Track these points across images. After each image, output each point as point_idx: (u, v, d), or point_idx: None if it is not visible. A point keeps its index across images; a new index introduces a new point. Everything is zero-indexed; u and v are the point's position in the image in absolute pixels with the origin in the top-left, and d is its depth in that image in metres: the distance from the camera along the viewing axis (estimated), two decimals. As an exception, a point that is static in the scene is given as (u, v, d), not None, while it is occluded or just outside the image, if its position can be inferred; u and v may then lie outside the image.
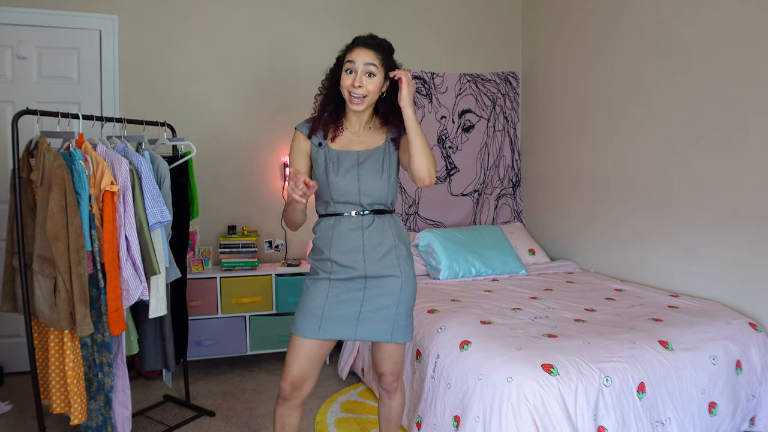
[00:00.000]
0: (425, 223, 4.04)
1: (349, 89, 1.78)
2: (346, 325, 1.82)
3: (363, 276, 1.83)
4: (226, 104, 3.59)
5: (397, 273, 1.84)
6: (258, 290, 3.25)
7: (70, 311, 2.02)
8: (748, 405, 2.33)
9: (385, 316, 1.83)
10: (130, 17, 3.36)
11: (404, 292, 1.85)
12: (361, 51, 1.76)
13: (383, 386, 1.99)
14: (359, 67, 1.75)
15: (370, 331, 1.83)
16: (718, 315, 2.50)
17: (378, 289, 1.83)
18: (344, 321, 1.82)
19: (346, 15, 3.78)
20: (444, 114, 4.03)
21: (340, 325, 1.82)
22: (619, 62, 3.30)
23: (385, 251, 1.84)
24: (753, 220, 2.57)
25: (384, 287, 1.83)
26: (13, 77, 3.18)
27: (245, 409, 2.81)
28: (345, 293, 1.83)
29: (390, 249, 1.85)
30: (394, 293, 1.84)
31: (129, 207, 2.18)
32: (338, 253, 1.82)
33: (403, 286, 1.85)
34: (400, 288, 1.84)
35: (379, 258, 1.83)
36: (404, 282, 1.85)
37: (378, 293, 1.83)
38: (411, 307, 1.90)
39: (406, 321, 1.88)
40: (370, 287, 1.83)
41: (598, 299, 2.84)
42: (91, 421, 2.19)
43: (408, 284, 1.87)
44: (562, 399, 1.88)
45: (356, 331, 1.82)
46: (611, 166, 3.40)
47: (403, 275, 1.85)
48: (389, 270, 1.84)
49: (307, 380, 1.85)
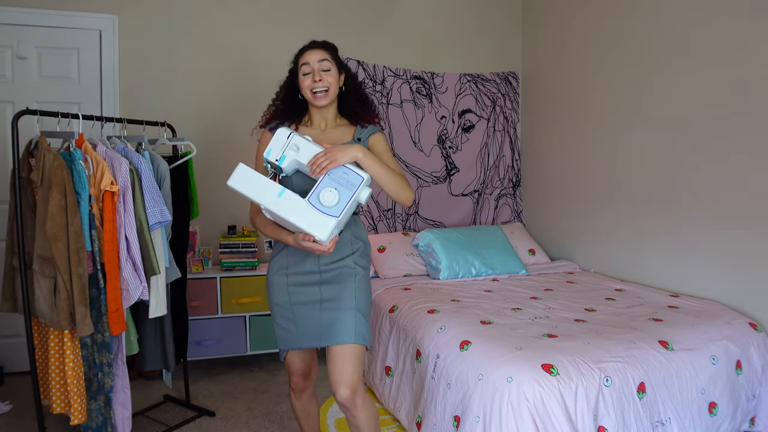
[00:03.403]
0: (425, 223, 4.04)
1: (310, 87, 1.85)
2: (313, 331, 1.84)
3: (318, 271, 1.85)
4: (227, 104, 3.58)
5: (351, 265, 1.86)
6: (258, 290, 3.25)
7: (70, 311, 2.02)
8: (749, 405, 2.33)
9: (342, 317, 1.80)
10: (130, 17, 3.36)
11: (359, 288, 1.86)
12: (311, 52, 1.87)
13: (339, 401, 1.79)
14: (315, 65, 1.85)
15: (329, 337, 1.81)
16: (718, 315, 2.50)
17: (332, 284, 1.85)
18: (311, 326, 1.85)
19: (346, 15, 3.78)
20: (444, 114, 4.03)
21: (308, 333, 1.85)
22: (619, 62, 3.30)
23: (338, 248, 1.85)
24: (753, 220, 2.57)
25: (338, 281, 1.85)
26: (13, 77, 3.18)
27: (245, 409, 2.81)
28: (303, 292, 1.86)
29: (344, 245, 1.86)
30: (348, 289, 1.84)
31: (129, 207, 2.18)
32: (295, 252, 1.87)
33: (357, 281, 1.86)
34: (354, 283, 1.85)
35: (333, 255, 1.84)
36: (358, 276, 1.86)
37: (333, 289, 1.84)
38: (367, 305, 1.87)
39: (363, 321, 1.84)
40: (325, 281, 1.85)
41: (598, 299, 2.84)
42: (91, 421, 2.19)
43: (362, 279, 1.87)
44: (562, 399, 1.88)
45: (321, 338, 1.83)
46: (611, 166, 3.40)
47: (357, 268, 1.87)
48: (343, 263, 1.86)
49: (312, 368, 2.00)
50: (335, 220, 1.59)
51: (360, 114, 1.94)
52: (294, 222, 1.60)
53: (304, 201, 1.61)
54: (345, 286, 1.84)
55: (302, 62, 1.87)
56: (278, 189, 1.62)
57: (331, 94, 1.88)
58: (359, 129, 1.93)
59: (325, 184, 1.62)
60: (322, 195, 1.60)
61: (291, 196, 1.62)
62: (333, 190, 1.60)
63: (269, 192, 1.62)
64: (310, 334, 1.85)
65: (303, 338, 1.86)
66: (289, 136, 1.69)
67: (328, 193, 1.60)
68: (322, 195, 1.60)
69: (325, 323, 1.82)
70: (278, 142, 1.70)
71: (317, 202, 1.60)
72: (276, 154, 1.70)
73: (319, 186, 1.62)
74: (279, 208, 1.61)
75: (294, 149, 1.68)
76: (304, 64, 1.86)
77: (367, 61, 3.75)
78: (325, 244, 1.64)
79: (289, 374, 1.99)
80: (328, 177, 1.63)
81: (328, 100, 1.88)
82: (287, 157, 1.69)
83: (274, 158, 1.70)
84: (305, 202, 1.61)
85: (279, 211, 1.61)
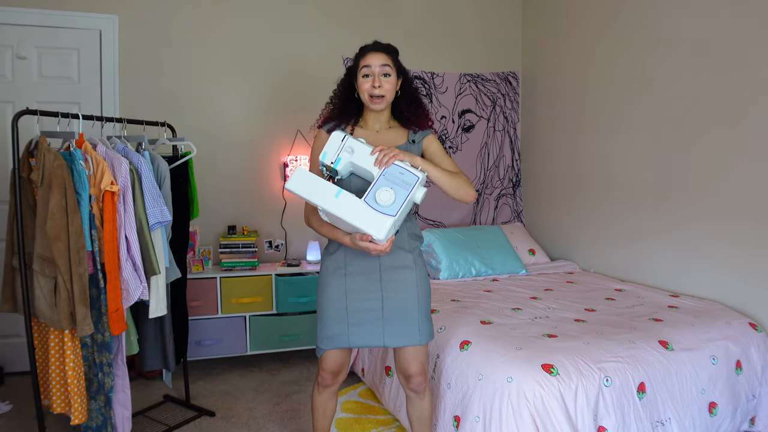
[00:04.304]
0: (425, 223, 4.04)
1: (369, 92, 1.86)
2: (373, 331, 1.86)
3: (378, 269, 1.87)
4: (226, 104, 3.59)
5: (411, 265, 1.89)
6: (258, 290, 3.25)
7: (70, 311, 2.02)
8: (748, 405, 2.33)
9: (408, 317, 1.87)
10: (130, 17, 3.36)
11: (420, 285, 1.90)
12: (374, 55, 1.87)
13: (412, 388, 1.96)
14: (376, 69, 1.85)
15: (396, 337, 1.87)
16: (718, 315, 2.50)
17: (394, 283, 1.86)
18: (370, 326, 1.86)
19: (346, 16, 3.78)
20: (444, 114, 4.03)
21: (366, 332, 1.87)
22: (619, 62, 3.30)
23: (398, 247, 1.88)
24: (753, 220, 2.57)
25: (399, 280, 1.87)
26: (13, 77, 3.18)
27: (245, 409, 2.81)
28: (363, 290, 1.87)
29: (402, 244, 1.90)
30: (410, 286, 1.87)
31: (129, 207, 2.18)
32: (353, 250, 1.88)
33: (418, 279, 1.90)
34: (416, 281, 1.89)
35: (392, 254, 1.87)
36: (418, 274, 1.90)
37: (395, 288, 1.86)
38: (429, 303, 1.94)
39: (428, 319, 1.92)
40: (386, 280, 1.86)
41: (598, 299, 2.84)
42: (91, 421, 2.19)
43: (422, 277, 1.92)
44: (562, 399, 1.88)
45: (384, 338, 1.87)
46: (611, 166, 3.40)
47: (417, 267, 1.91)
48: (403, 261, 1.88)
49: (344, 367, 1.99)
50: (392, 219, 1.60)
51: (411, 120, 1.96)
52: (351, 222, 1.62)
53: (361, 201, 1.63)
54: (406, 285, 1.88)
55: (363, 64, 1.86)
56: (335, 190, 1.64)
57: (388, 100, 1.89)
58: (412, 132, 1.96)
59: (380, 184, 1.64)
60: (378, 194, 1.62)
61: (347, 197, 1.63)
62: (389, 190, 1.62)
63: (326, 193, 1.64)
64: (371, 333, 1.87)
65: (361, 336, 1.87)
66: (343, 139, 1.72)
67: (384, 193, 1.61)
68: (378, 194, 1.62)
69: (389, 323, 1.86)
70: (333, 146, 1.73)
71: (373, 202, 1.62)
72: (331, 157, 1.73)
73: (375, 186, 1.64)
74: (336, 209, 1.63)
75: (349, 151, 1.72)
76: (365, 66, 1.86)
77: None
78: (383, 244, 1.65)
79: (320, 369, 1.99)
80: (384, 177, 1.64)
81: (384, 105, 1.89)
82: (342, 160, 1.72)
83: (329, 161, 1.73)
84: (362, 202, 1.62)
85: (336, 212, 1.63)
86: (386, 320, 1.86)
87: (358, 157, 1.71)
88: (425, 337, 1.89)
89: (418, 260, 1.93)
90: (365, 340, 1.87)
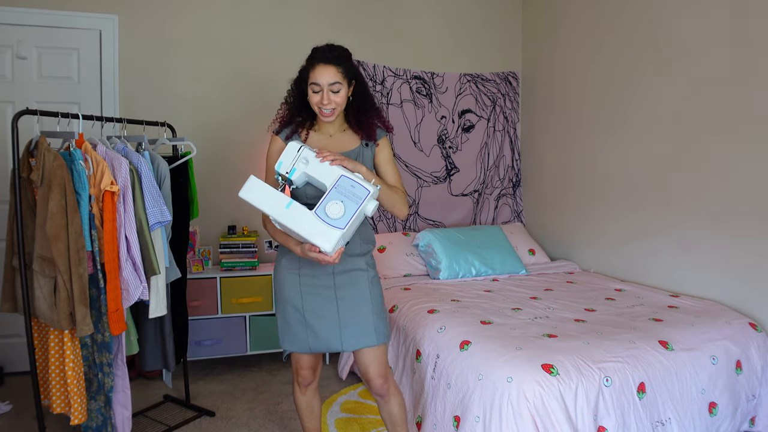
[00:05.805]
0: (425, 223, 4.04)
1: (318, 105, 1.84)
2: (331, 337, 1.89)
3: (331, 271, 1.89)
4: (226, 104, 3.59)
5: (364, 267, 1.92)
6: (258, 290, 3.25)
7: (70, 311, 2.02)
8: (748, 405, 2.33)
9: (363, 318, 1.88)
10: (130, 17, 3.36)
11: (373, 284, 1.93)
12: (322, 70, 1.80)
13: (375, 392, 1.97)
14: (324, 86, 1.81)
15: (352, 339, 1.89)
16: (718, 315, 2.50)
17: (347, 284, 1.89)
18: (327, 334, 1.89)
19: (345, 16, 3.78)
20: (444, 114, 4.03)
21: (324, 340, 1.89)
22: (619, 62, 3.30)
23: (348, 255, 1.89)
24: (753, 220, 2.57)
25: (352, 281, 1.90)
26: (13, 77, 3.18)
27: (245, 409, 2.81)
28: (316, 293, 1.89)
29: (354, 250, 1.91)
30: (363, 286, 1.90)
31: (129, 207, 2.18)
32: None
33: (370, 279, 1.92)
34: (368, 281, 1.91)
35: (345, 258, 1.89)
36: (370, 275, 1.93)
37: (348, 289, 1.89)
38: (382, 303, 1.96)
39: (382, 319, 1.93)
40: (340, 282, 1.89)
41: (598, 299, 2.84)
42: (91, 421, 2.19)
43: (374, 277, 1.95)
44: (562, 399, 1.88)
45: (342, 342, 1.88)
46: (611, 166, 3.40)
47: (369, 269, 1.93)
48: (355, 264, 1.91)
49: (319, 362, 2.04)
50: (340, 232, 1.63)
51: (362, 126, 1.93)
52: (300, 233, 1.65)
53: (311, 213, 1.65)
54: (360, 288, 1.90)
55: (312, 80, 1.82)
56: (286, 201, 1.67)
57: (339, 111, 1.87)
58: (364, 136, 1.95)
59: (331, 196, 1.66)
60: (329, 207, 1.64)
61: (298, 208, 1.66)
62: (339, 203, 1.64)
63: (278, 203, 1.67)
64: (328, 338, 1.89)
65: (320, 341, 1.89)
66: (299, 150, 1.74)
67: (334, 206, 1.64)
68: (329, 207, 1.64)
69: (344, 327, 1.88)
70: (288, 156, 1.75)
71: (323, 214, 1.64)
72: (286, 167, 1.75)
73: (326, 198, 1.66)
74: (287, 219, 1.65)
75: (304, 162, 1.74)
76: (314, 84, 1.81)
77: (367, 61, 3.75)
78: (331, 255, 1.67)
79: (296, 369, 2.00)
80: (336, 190, 1.67)
81: (334, 117, 1.87)
82: (297, 170, 1.75)
83: (285, 171, 1.76)
84: (312, 214, 1.65)
85: (287, 222, 1.66)
86: (343, 325, 1.88)
87: (313, 168, 1.73)
88: (381, 338, 1.90)
89: (370, 262, 1.96)
90: (324, 346, 1.90)
